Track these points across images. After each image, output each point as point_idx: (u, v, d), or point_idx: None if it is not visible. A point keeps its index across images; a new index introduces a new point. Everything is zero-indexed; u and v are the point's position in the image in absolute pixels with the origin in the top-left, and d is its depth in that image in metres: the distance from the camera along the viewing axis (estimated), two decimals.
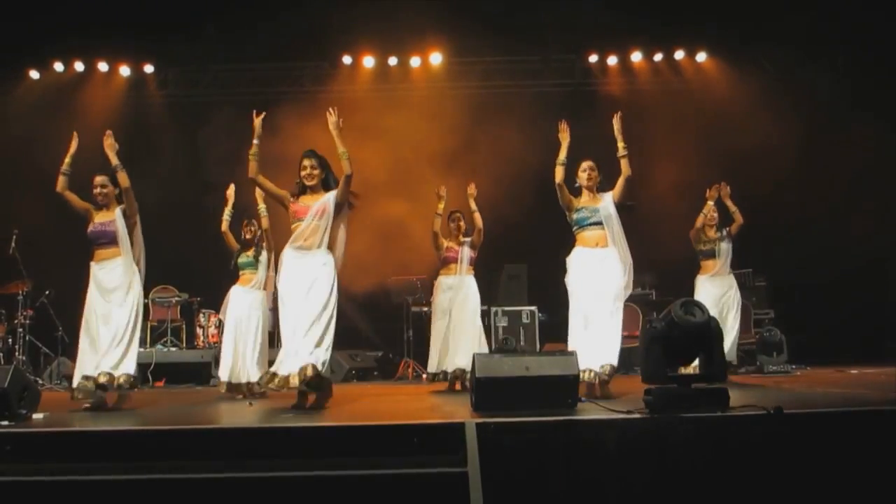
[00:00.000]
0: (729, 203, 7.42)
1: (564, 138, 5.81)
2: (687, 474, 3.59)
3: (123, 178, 5.58)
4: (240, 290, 7.06)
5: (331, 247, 5.32)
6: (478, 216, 7.18)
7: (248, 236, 7.15)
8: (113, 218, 5.61)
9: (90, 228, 5.64)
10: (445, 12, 9.18)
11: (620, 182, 5.78)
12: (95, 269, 5.61)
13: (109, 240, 5.59)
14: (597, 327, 5.53)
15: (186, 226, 9.78)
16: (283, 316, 5.21)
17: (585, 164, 5.85)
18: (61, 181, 5.62)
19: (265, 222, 7.07)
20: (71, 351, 8.60)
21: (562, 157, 5.79)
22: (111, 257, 5.58)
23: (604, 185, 5.86)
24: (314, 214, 5.25)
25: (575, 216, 5.77)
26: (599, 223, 5.68)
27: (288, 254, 5.31)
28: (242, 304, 6.98)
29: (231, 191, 7.29)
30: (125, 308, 5.54)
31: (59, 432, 4.08)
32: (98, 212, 5.67)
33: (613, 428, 3.73)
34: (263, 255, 7.10)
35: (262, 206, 7.02)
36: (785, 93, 9.88)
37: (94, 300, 5.58)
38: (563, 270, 5.80)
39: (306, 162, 5.37)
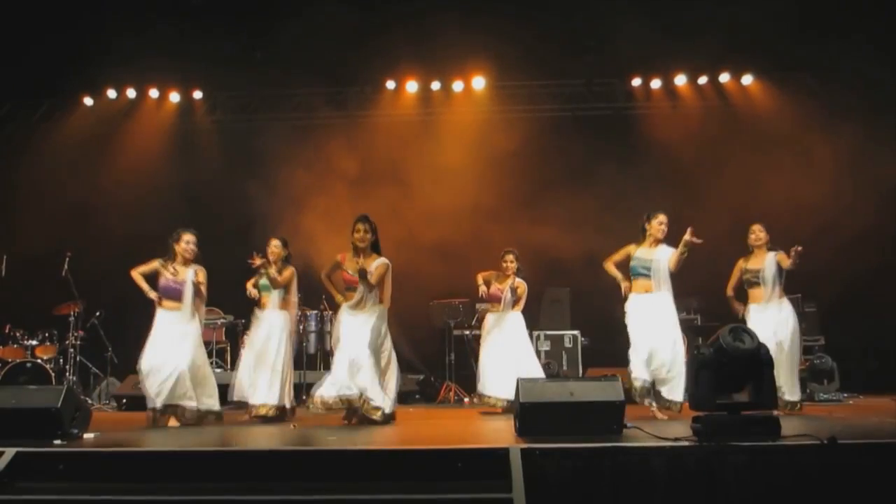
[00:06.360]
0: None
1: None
2: None
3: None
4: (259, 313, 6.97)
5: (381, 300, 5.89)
6: (520, 289, 7.17)
7: (271, 257, 6.90)
8: (184, 279, 5.98)
9: (161, 283, 6.00)
10: (488, 37, 9.20)
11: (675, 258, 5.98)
12: (160, 314, 6.02)
13: (176, 296, 5.98)
14: None
15: (232, 249, 9.88)
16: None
17: (664, 218, 6.11)
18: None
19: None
20: (120, 371, 8.80)
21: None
22: (174, 310, 5.99)
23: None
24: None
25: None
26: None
27: (345, 312, 5.86)
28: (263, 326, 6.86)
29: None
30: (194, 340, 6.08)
31: (110, 452, 4.15)
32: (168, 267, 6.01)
33: (661, 455, 3.66)
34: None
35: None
36: (834, 116, 9.69)
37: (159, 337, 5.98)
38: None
39: (359, 226, 5.80)
